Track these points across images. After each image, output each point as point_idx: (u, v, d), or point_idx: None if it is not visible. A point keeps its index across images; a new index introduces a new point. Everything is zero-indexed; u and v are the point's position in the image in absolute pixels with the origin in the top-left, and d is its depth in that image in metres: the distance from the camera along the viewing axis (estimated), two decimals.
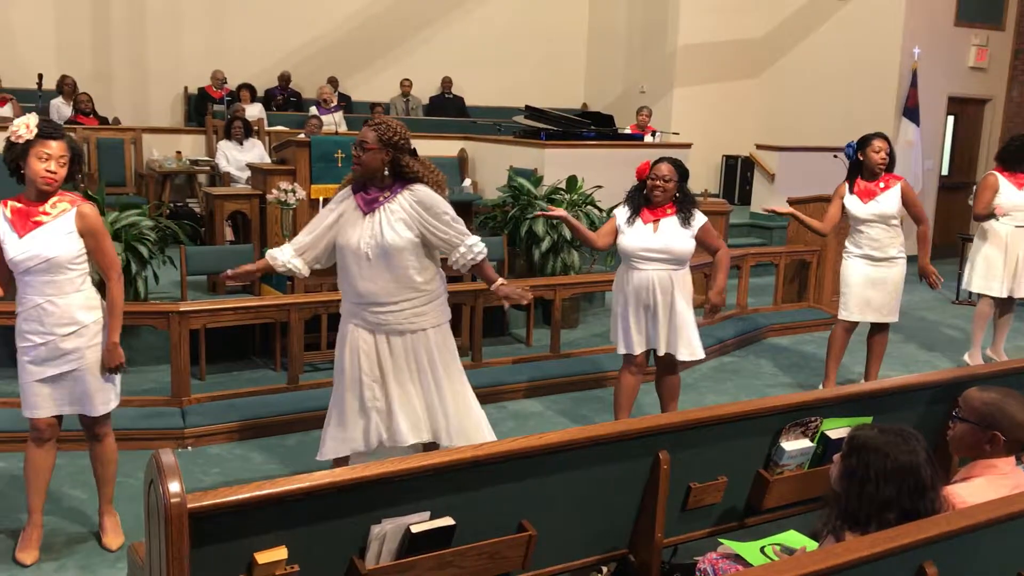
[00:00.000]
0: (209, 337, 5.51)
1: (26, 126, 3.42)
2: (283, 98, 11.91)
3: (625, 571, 3.19)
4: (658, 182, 4.69)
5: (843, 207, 5.67)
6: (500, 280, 4.03)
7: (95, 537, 3.89)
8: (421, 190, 3.83)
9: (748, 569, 2.40)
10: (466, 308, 6.04)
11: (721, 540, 3.01)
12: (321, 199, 6.57)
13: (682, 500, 3.18)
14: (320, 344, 5.87)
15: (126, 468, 4.47)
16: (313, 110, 10.88)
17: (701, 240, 4.76)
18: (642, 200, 4.78)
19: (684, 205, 4.74)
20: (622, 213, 4.82)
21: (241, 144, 8.95)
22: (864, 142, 5.63)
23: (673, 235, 4.69)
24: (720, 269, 4.87)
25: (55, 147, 3.45)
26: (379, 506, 2.54)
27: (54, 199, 3.51)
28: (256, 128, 9.63)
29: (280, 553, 2.36)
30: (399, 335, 3.84)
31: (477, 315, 6.04)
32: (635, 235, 4.72)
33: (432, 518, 2.62)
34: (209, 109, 10.75)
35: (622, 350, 4.86)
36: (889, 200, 5.57)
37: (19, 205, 3.50)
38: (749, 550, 2.86)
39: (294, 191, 6.37)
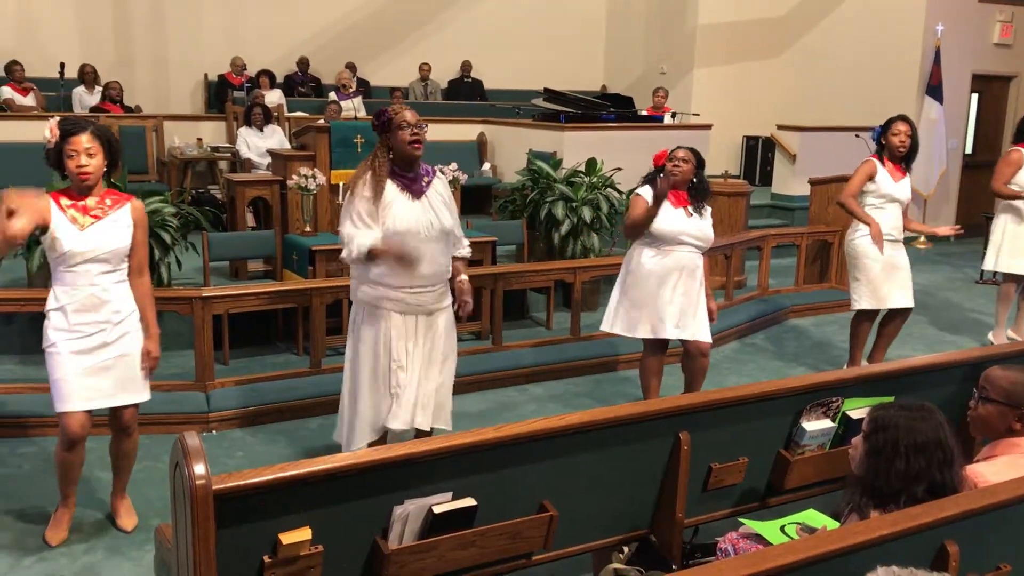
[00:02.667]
0: (232, 322, 5.56)
1: (51, 131, 3.51)
2: (308, 86, 11.93)
3: (646, 551, 3.21)
4: (676, 162, 4.76)
5: (866, 183, 5.56)
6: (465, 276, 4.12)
7: None
8: (444, 177, 4.03)
9: (768, 548, 2.40)
10: (486, 291, 6.05)
11: (742, 520, 3.01)
12: (341, 184, 6.60)
13: (703, 480, 3.18)
14: (341, 328, 5.90)
15: (152, 452, 4.54)
16: (332, 95, 10.90)
17: None
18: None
19: (698, 193, 4.81)
20: (647, 193, 4.81)
21: (261, 130, 8.99)
22: (886, 125, 5.60)
23: (702, 221, 4.81)
24: (707, 271, 5.01)
25: (79, 141, 3.50)
26: (401, 487, 2.57)
27: (103, 193, 3.60)
28: (276, 114, 9.66)
29: (304, 534, 2.39)
30: (427, 315, 3.91)
31: (497, 298, 6.05)
32: (671, 219, 4.73)
33: (454, 499, 2.64)
34: (229, 96, 10.79)
35: (647, 335, 4.85)
36: (907, 185, 5.60)
37: (69, 201, 3.56)
38: (769, 529, 2.86)
39: (314, 177, 6.41)
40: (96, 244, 3.54)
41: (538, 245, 7.44)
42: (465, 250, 4.12)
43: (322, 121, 7.54)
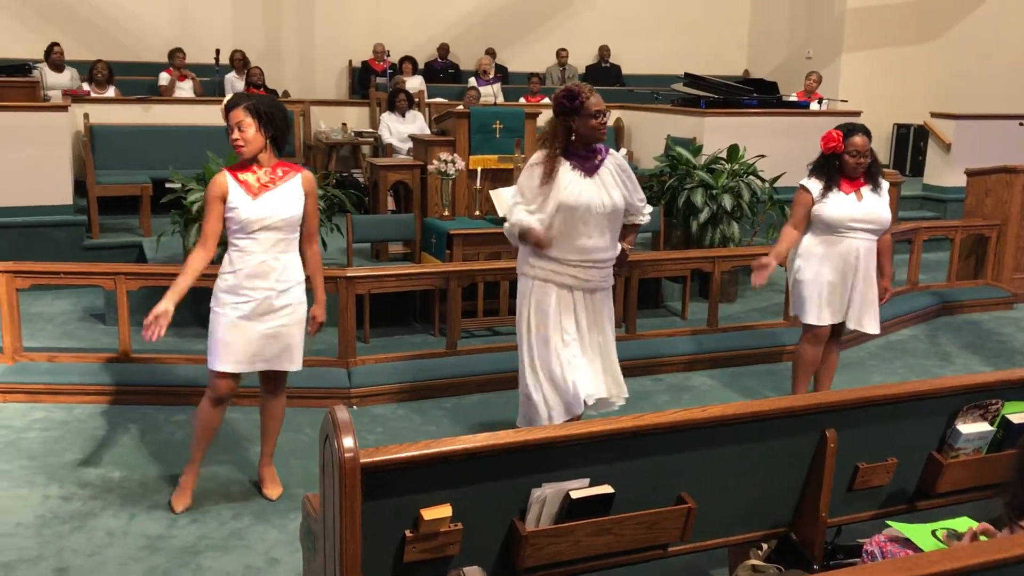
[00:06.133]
0: (372, 302, 5.71)
1: (222, 111, 3.74)
2: (447, 72, 12.09)
3: (786, 549, 3.12)
4: (859, 158, 4.56)
5: None
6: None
7: None
8: (617, 154, 4.07)
9: (920, 554, 2.29)
10: (620, 279, 5.99)
11: (889, 522, 2.89)
12: (479, 169, 6.67)
13: (848, 480, 3.07)
14: (476, 311, 5.99)
15: (296, 423, 4.72)
16: (472, 81, 11.02)
17: None
18: (835, 171, 4.61)
19: (873, 172, 4.63)
20: (814, 186, 4.65)
21: (403, 116, 9.17)
22: None
23: (875, 203, 4.61)
24: (887, 253, 4.82)
25: (232, 116, 3.71)
26: (539, 470, 2.58)
27: (274, 164, 3.78)
28: (417, 100, 9.84)
29: (445, 511, 2.43)
30: (591, 292, 4.00)
31: (632, 287, 6.00)
32: (839, 204, 4.58)
33: (591, 485, 2.63)
34: (372, 82, 11.06)
35: (812, 320, 4.71)
36: None
37: (243, 173, 3.75)
38: (919, 533, 2.73)
39: (454, 162, 6.49)
40: (270, 211, 3.70)
41: (675, 233, 7.32)
42: (642, 217, 4.20)
43: (462, 107, 7.63)
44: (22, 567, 3.45)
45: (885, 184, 4.68)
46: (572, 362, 3.96)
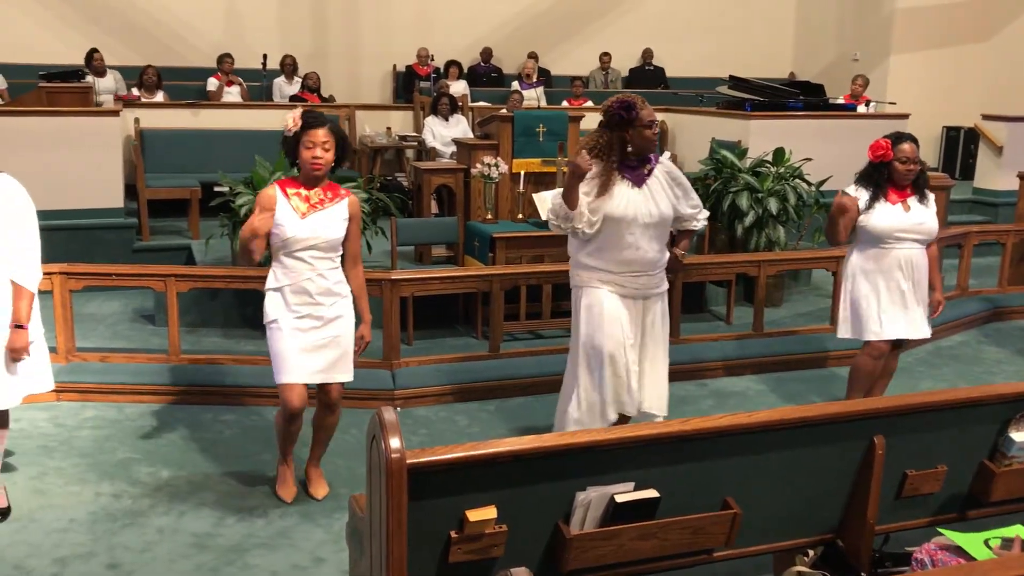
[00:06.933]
0: (416, 305, 5.74)
1: (293, 120, 3.76)
2: (490, 76, 12.13)
3: (832, 556, 3.09)
4: (909, 165, 4.49)
5: None
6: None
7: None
8: (667, 162, 4.08)
9: (972, 563, 2.25)
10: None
11: (941, 530, 2.84)
12: (522, 173, 6.68)
13: (896, 487, 3.03)
14: (519, 315, 6.00)
15: (342, 424, 4.70)
16: (515, 85, 11.03)
17: None
18: (883, 180, 4.54)
19: (920, 182, 4.57)
20: (861, 196, 4.58)
21: (447, 120, 9.21)
22: None
23: (923, 213, 4.56)
24: (935, 265, 4.75)
25: (318, 134, 3.74)
26: (584, 473, 2.58)
27: (325, 186, 3.84)
28: (460, 103, 9.88)
29: (490, 512, 2.44)
30: (644, 299, 4.03)
31: (676, 291, 5.96)
32: (887, 214, 4.52)
33: (636, 489, 2.63)
34: (416, 86, 11.13)
35: (871, 337, 4.63)
36: None
37: (295, 189, 3.81)
38: (972, 542, 2.69)
39: (497, 165, 6.51)
40: (314, 232, 3.77)
41: (719, 237, 7.27)
42: (696, 223, 4.21)
43: (505, 110, 7.65)
44: (75, 562, 3.53)
45: (931, 195, 4.63)
46: (616, 373, 3.97)
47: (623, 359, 3.97)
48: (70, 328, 5.33)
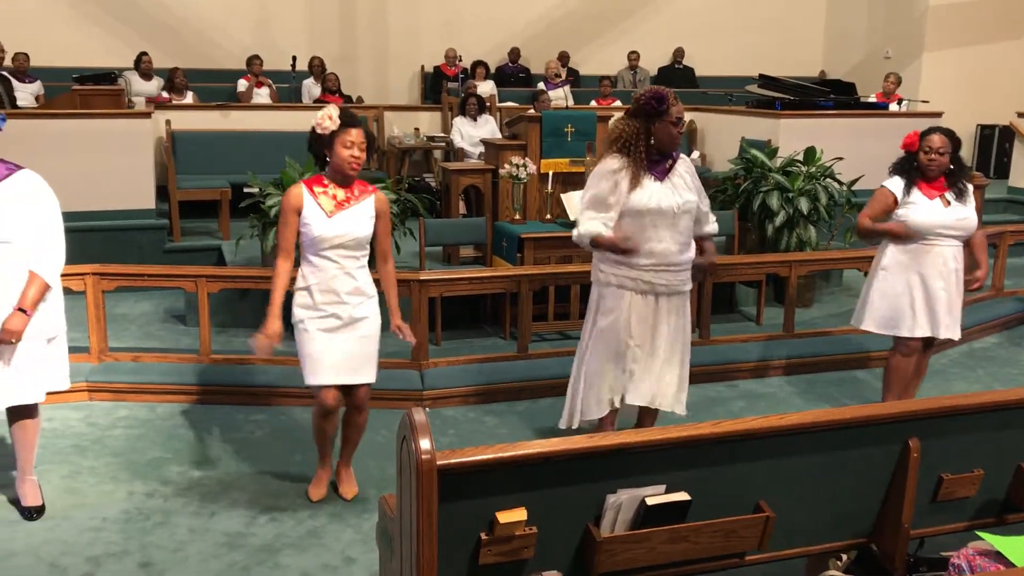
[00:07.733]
0: (444, 305, 5.74)
1: (329, 117, 3.76)
2: (518, 76, 12.12)
3: (866, 561, 3.05)
4: (932, 155, 4.45)
5: None
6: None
7: None
8: (687, 159, 4.08)
9: (1012, 569, 2.20)
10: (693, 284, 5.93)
11: (980, 534, 2.79)
12: (550, 173, 6.66)
13: (932, 491, 2.98)
14: (547, 315, 5.99)
15: (371, 424, 4.71)
16: (541, 85, 11.02)
17: None
18: (913, 170, 4.52)
19: (958, 177, 4.51)
20: (895, 185, 4.56)
21: (475, 120, 9.22)
22: None
23: (962, 210, 4.51)
24: (983, 248, 4.71)
25: (356, 134, 3.76)
26: (615, 476, 2.56)
27: (353, 184, 3.86)
28: (488, 104, 9.88)
29: (520, 514, 2.43)
30: (668, 296, 3.99)
31: (706, 291, 5.93)
32: (928, 210, 4.48)
33: (667, 492, 2.61)
34: (444, 87, 11.14)
35: (905, 333, 4.60)
36: None
37: (322, 188, 3.82)
38: (1011, 547, 2.64)
39: (525, 166, 6.50)
40: (341, 231, 3.78)
41: (750, 237, 7.21)
42: (711, 226, 4.20)
43: (533, 111, 7.64)
44: (108, 561, 3.56)
45: (970, 187, 4.57)
46: (632, 367, 3.97)
47: (633, 355, 3.97)
48: (103, 328, 5.38)
